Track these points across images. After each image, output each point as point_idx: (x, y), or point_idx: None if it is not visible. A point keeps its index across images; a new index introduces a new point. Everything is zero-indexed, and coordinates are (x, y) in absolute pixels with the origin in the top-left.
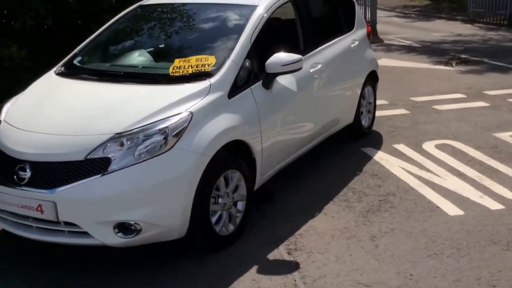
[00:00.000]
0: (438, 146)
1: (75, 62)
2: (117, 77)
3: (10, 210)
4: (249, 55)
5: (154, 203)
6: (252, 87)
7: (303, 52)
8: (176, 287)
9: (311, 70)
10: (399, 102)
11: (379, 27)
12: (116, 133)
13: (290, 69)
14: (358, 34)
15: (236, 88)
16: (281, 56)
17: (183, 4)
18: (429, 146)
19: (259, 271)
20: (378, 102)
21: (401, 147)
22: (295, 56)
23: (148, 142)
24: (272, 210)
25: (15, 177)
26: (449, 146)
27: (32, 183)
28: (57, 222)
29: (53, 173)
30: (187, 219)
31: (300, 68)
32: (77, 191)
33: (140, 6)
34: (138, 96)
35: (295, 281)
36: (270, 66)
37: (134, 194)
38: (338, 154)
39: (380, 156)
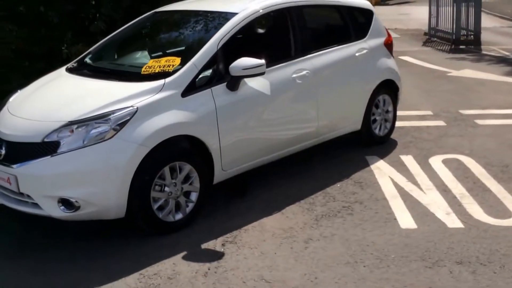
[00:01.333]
0: (445, 161)
1: (86, 59)
2: (103, 74)
3: None
4: (214, 59)
5: (92, 184)
6: (213, 88)
7: (292, 58)
8: (102, 260)
9: (293, 76)
10: (444, 114)
11: (488, 37)
12: (69, 121)
13: (252, 72)
14: (370, 43)
15: (193, 88)
16: (243, 60)
17: (185, 11)
18: (436, 159)
19: (184, 257)
20: (423, 112)
21: (407, 158)
22: (257, 61)
23: (94, 130)
24: (236, 204)
25: None
26: (457, 162)
27: (6, 159)
28: (21, 194)
29: (19, 151)
30: (123, 201)
31: (263, 73)
32: (32, 168)
33: (155, 12)
34: (102, 90)
35: (208, 269)
36: (233, 69)
37: (75, 175)
38: (335, 159)
39: (378, 165)
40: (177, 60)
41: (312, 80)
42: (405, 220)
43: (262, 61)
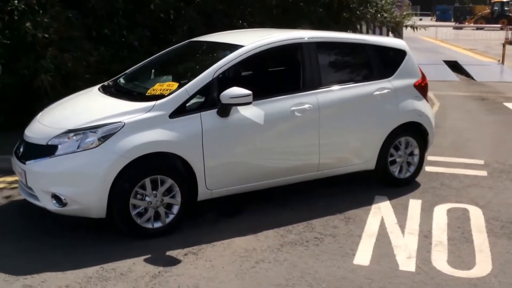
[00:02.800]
0: (451, 210)
1: (120, 79)
2: (121, 93)
3: (17, 175)
4: (208, 87)
5: (77, 185)
6: (203, 112)
7: (295, 91)
8: (78, 250)
9: (292, 108)
10: (494, 165)
11: None
12: (68, 129)
13: (238, 101)
14: (395, 83)
15: (182, 111)
16: (233, 90)
17: (210, 42)
18: (442, 207)
19: (146, 259)
20: (473, 161)
21: (415, 203)
22: (244, 91)
23: (87, 140)
24: (222, 222)
25: (17, 151)
26: (462, 212)
27: (22, 156)
28: (29, 187)
29: (30, 151)
30: (103, 204)
31: (250, 102)
32: (35, 166)
33: (190, 41)
34: (105, 106)
35: (158, 272)
36: (223, 97)
37: (65, 175)
38: (343, 194)
39: (380, 205)
40: (175, 85)
41: (314, 114)
42: (362, 257)
43: (249, 91)
